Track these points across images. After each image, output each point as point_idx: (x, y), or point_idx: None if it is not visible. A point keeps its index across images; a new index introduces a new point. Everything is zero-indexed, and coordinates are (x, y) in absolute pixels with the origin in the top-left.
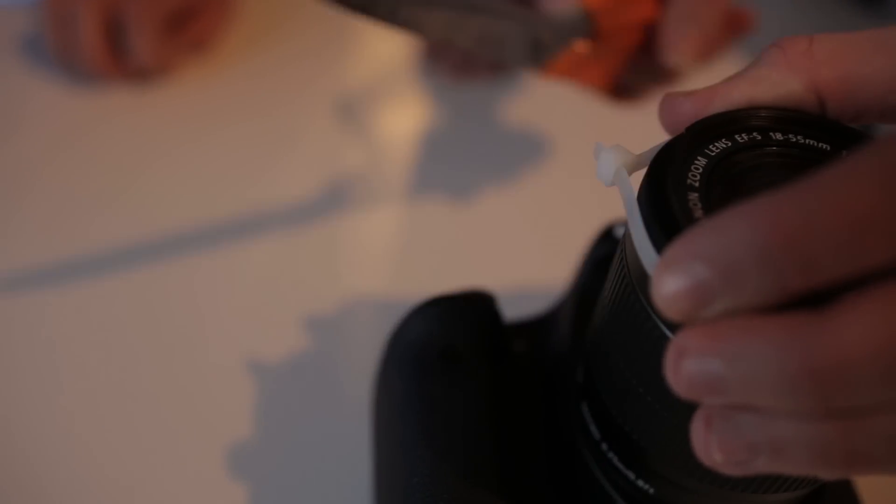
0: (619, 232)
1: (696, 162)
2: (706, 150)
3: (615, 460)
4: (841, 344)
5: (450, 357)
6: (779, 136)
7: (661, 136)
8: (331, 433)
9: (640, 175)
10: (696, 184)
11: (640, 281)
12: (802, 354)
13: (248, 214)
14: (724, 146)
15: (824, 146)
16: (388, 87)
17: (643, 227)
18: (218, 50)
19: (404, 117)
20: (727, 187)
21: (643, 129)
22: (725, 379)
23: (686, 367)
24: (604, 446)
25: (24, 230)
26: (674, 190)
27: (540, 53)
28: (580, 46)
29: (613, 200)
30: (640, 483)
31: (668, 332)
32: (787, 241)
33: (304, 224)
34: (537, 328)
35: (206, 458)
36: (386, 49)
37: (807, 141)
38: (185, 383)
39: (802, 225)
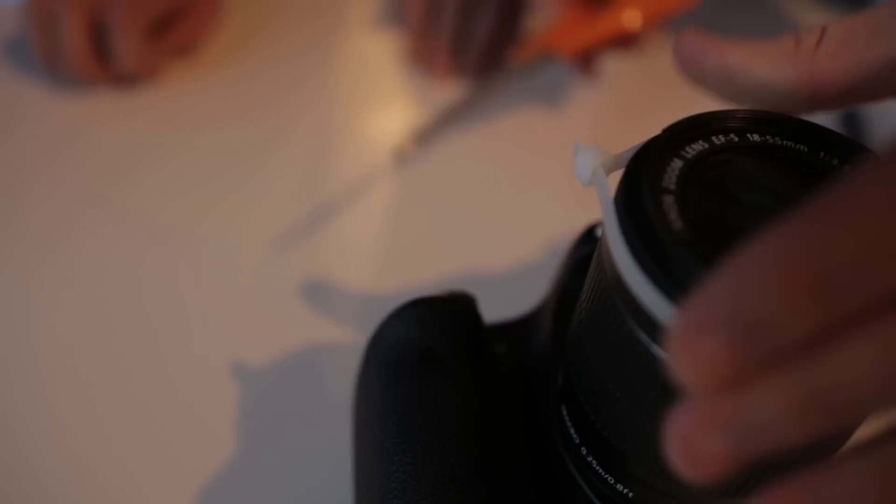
0: (601, 232)
1: (672, 164)
2: (682, 152)
3: (594, 464)
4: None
5: (429, 360)
6: (756, 137)
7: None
8: (314, 436)
9: (618, 175)
10: (672, 186)
11: (615, 283)
12: (804, 393)
13: (234, 217)
14: (701, 148)
15: (802, 147)
16: (375, 89)
17: (618, 229)
18: (203, 53)
19: (391, 118)
20: (703, 189)
21: (631, 130)
22: (740, 445)
23: (699, 451)
24: (583, 450)
25: (9, 233)
26: (648, 192)
27: None
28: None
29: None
30: (620, 487)
31: (643, 336)
32: (815, 285)
33: (290, 226)
34: (519, 330)
35: (188, 459)
36: (372, 50)
37: (784, 142)
38: (169, 386)
39: (828, 265)
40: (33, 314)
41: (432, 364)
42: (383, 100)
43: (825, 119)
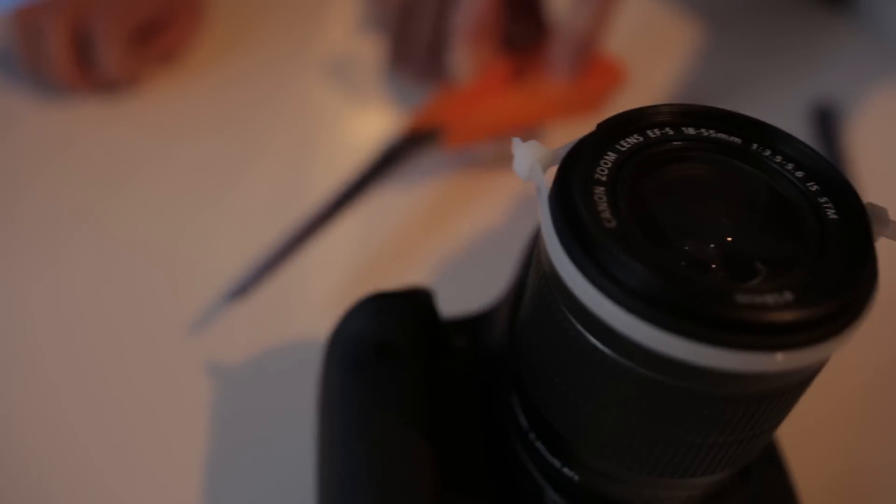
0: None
1: (606, 157)
2: (616, 146)
3: (542, 449)
4: None
5: (386, 351)
6: (691, 130)
7: None
8: (285, 429)
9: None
10: (604, 178)
11: (551, 273)
12: None
13: (216, 223)
14: (636, 141)
15: (735, 140)
16: (357, 94)
17: (550, 220)
18: (186, 61)
19: (373, 123)
20: (635, 181)
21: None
22: None
23: None
24: (532, 436)
25: None
26: (579, 184)
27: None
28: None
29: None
30: (566, 471)
31: (578, 325)
32: None
33: (269, 231)
34: (479, 323)
35: (161, 452)
36: (353, 56)
37: (718, 135)
38: (151, 385)
39: None
40: (14, 318)
41: (389, 355)
42: (365, 105)
43: (800, 114)
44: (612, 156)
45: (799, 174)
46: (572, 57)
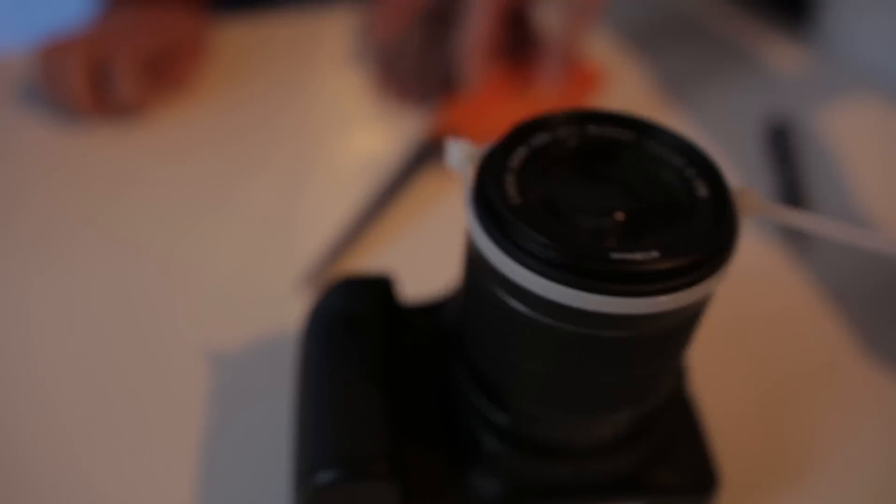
0: None
1: (518, 150)
2: (528, 142)
3: (479, 398)
4: None
5: (352, 323)
6: (592, 129)
7: None
8: (281, 410)
9: None
10: (514, 167)
11: (474, 248)
12: None
13: (213, 233)
14: (546, 138)
15: (629, 136)
16: (347, 118)
17: (471, 203)
18: (193, 90)
19: (360, 143)
20: (543, 170)
21: None
22: None
23: None
24: (472, 390)
25: (14, 250)
26: (492, 171)
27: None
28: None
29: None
30: (499, 416)
31: (499, 290)
32: None
33: (268, 241)
34: (434, 307)
35: (159, 434)
36: (344, 82)
37: (616, 132)
38: (149, 379)
39: None
40: (28, 317)
41: (354, 327)
42: (358, 126)
43: (756, 130)
44: (523, 150)
45: (680, 161)
46: (559, 65)
